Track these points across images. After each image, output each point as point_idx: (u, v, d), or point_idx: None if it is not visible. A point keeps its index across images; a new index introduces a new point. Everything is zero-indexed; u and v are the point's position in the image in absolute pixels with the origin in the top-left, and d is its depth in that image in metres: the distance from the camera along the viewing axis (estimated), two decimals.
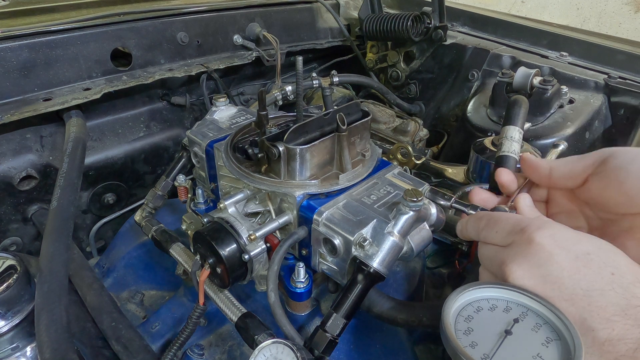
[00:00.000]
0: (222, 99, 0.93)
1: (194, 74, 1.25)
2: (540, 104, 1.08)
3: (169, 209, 1.10)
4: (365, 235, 0.61)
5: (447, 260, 1.06)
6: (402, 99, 1.47)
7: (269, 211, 0.73)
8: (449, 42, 1.39)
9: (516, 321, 0.45)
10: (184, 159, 0.94)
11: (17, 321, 0.69)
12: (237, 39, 1.37)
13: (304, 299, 0.75)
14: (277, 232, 0.71)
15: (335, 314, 0.59)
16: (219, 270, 0.68)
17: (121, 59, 1.21)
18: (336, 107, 0.72)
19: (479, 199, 0.69)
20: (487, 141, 0.99)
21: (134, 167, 1.26)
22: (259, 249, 0.68)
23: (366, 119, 0.72)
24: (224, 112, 0.93)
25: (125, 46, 1.18)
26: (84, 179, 1.01)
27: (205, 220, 0.81)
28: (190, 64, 1.28)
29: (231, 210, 0.71)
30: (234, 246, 0.67)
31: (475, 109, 1.22)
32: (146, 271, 1.05)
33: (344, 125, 0.67)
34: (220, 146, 0.80)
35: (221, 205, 0.70)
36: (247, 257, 0.66)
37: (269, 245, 0.69)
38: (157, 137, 1.30)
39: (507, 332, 0.44)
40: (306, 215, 0.67)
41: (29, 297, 0.70)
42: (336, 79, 1.25)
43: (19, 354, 0.70)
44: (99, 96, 1.07)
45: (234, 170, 0.74)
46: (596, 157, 0.57)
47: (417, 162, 1.09)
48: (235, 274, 0.68)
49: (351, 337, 0.77)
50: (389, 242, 0.61)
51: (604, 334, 0.42)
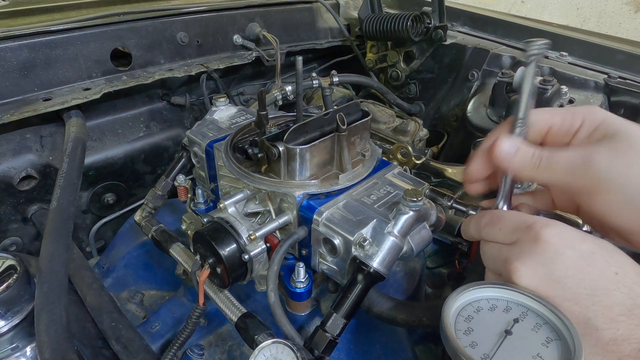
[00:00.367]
0: (222, 99, 0.93)
1: (193, 74, 1.25)
2: (540, 104, 1.07)
3: (169, 209, 1.10)
4: (365, 235, 0.61)
5: (447, 260, 1.06)
6: (402, 99, 1.47)
7: (269, 211, 0.73)
8: (448, 42, 1.39)
9: (516, 321, 0.45)
10: (183, 159, 0.94)
11: (17, 321, 0.69)
12: (237, 39, 1.37)
13: (304, 299, 0.75)
14: (277, 232, 0.71)
15: (335, 314, 0.59)
16: (218, 270, 0.68)
17: (121, 59, 1.21)
18: (336, 107, 0.71)
19: (473, 189, 0.64)
20: None
21: (134, 167, 1.26)
22: (259, 249, 0.68)
23: (366, 119, 0.72)
24: (223, 112, 0.93)
25: (125, 46, 1.18)
26: (83, 179, 1.01)
27: (205, 220, 0.81)
28: (190, 64, 1.28)
29: (231, 210, 0.71)
30: (234, 246, 0.67)
31: (475, 109, 1.22)
32: (146, 271, 1.05)
33: (344, 125, 0.67)
34: (220, 146, 0.80)
35: (221, 205, 0.70)
36: (247, 257, 0.66)
37: (269, 245, 0.69)
38: (157, 137, 1.30)
39: (507, 332, 0.44)
40: (306, 215, 0.67)
41: (29, 297, 0.71)
42: (336, 79, 1.25)
43: (18, 354, 0.70)
44: (98, 96, 1.07)
45: (234, 170, 0.74)
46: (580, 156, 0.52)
47: (417, 162, 1.09)
48: (235, 274, 0.68)
49: (351, 337, 0.77)
50: (389, 242, 0.61)
51: (608, 334, 0.42)
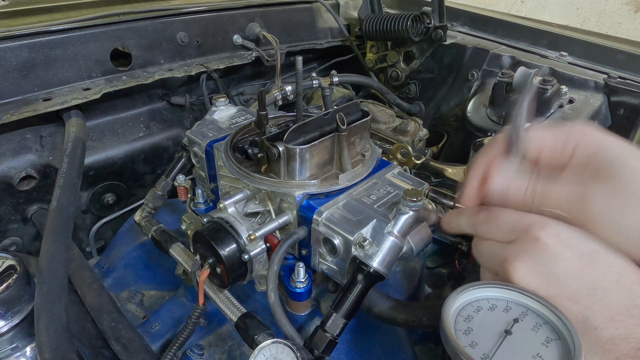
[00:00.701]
0: (221, 99, 0.93)
1: (193, 74, 1.25)
2: (540, 104, 1.07)
3: (168, 209, 1.10)
4: (365, 235, 0.61)
5: (447, 260, 1.06)
6: (402, 99, 1.47)
7: (269, 211, 0.73)
8: (448, 42, 1.39)
9: (516, 321, 0.45)
10: (183, 159, 0.94)
11: (16, 321, 0.69)
12: (237, 39, 1.37)
13: (304, 299, 0.75)
14: (277, 232, 0.71)
15: (335, 314, 0.59)
16: (218, 270, 0.68)
17: (121, 59, 1.21)
18: (336, 107, 0.71)
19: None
20: (487, 141, 0.99)
21: (134, 167, 1.26)
22: (259, 249, 0.67)
23: (366, 119, 0.72)
24: (223, 112, 0.93)
25: (125, 46, 1.18)
26: (83, 179, 1.01)
27: (205, 220, 0.81)
28: (190, 64, 1.28)
29: (231, 210, 0.71)
30: (234, 246, 0.67)
31: (475, 109, 1.22)
32: (146, 271, 1.05)
33: (344, 125, 0.67)
34: (220, 146, 0.80)
35: (221, 205, 0.70)
36: (246, 257, 0.66)
37: (268, 245, 0.69)
38: (157, 137, 1.30)
39: (507, 332, 0.44)
40: (306, 215, 0.67)
41: (29, 297, 0.71)
42: (336, 79, 1.25)
43: (18, 354, 0.70)
44: (98, 96, 1.07)
45: (234, 170, 0.74)
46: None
47: (417, 162, 1.09)
48: (235, 274, 0.68)
49: (351, 337, 0.77)
50: (389, 242, 0.61)
51: (607, 333, 0.42)
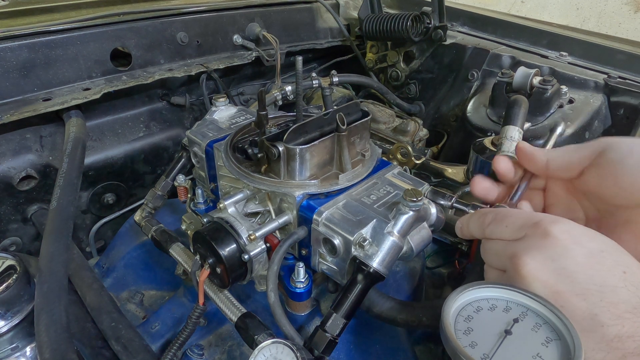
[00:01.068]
0: (221, 99, 0.93)
1: (193, 74, 1.25)
2: (540, 104, 1.07)
3: (168, 209, 1.10)
4: (365, 235, 0.61)
5: (447, 260, 1.06)
6: (402, 99, 1.47)
7: (269, 211, 0.73)
8: (448, 42, 1.39)
9: (516, 321, 0.45)
10: (183, 159, 0.94)
11: (16, 321, 0.69)
12: (237, 39, 1.37)
13: (304, 299, 0.75)
14: (277, 232, 0.71)
15: (335, 314, 0.59)
16: (218, 270, 0.68)
17: (121, 59, 1.21)
18: (336, 107, 0.71)
19: (480, 188, 0.68)
20: (487, 141, 0.99)
21: (134, 167, 1.26)
22: (259, 249, 0.67)
23: (366, 119, 0.72)
24: (223, 112, 0.93)
25: (125, 46, 1.18)
26: (83, 179, 1.01)
27: (205, 220, 0.81)
28: (190, 64, 1.28)
29: (231, 210, 0.71)
30: (234, 246, 0.67)
31: (475, 109, 1.22)
32: (146, 271, 1.05)
33: (344, 125, 0.67)
34: (220, 146, 0.80)
35: (221, 205, 0.70)
36: (246, 257, 0.66)
37: (268, 245, 0.69)
38: (157, 137, 1.30)
39: (507, 332, 0.44)
40: (306, 215, 0.67)
41: (29, 297, 0.70)
42: (336, 79, 1.25)
43: (18, 354, 0.70)
44: (98, 96, 1.07)
45: (234, 170, 0.74)
46: (593, 149, 0.56)
47: (417, 162, 1.09)
48: (235, 274, 0.68)
49: (351, 337, 0.77)
50: (389, 242, 0.61)
51: (613, 330, 0.42)
